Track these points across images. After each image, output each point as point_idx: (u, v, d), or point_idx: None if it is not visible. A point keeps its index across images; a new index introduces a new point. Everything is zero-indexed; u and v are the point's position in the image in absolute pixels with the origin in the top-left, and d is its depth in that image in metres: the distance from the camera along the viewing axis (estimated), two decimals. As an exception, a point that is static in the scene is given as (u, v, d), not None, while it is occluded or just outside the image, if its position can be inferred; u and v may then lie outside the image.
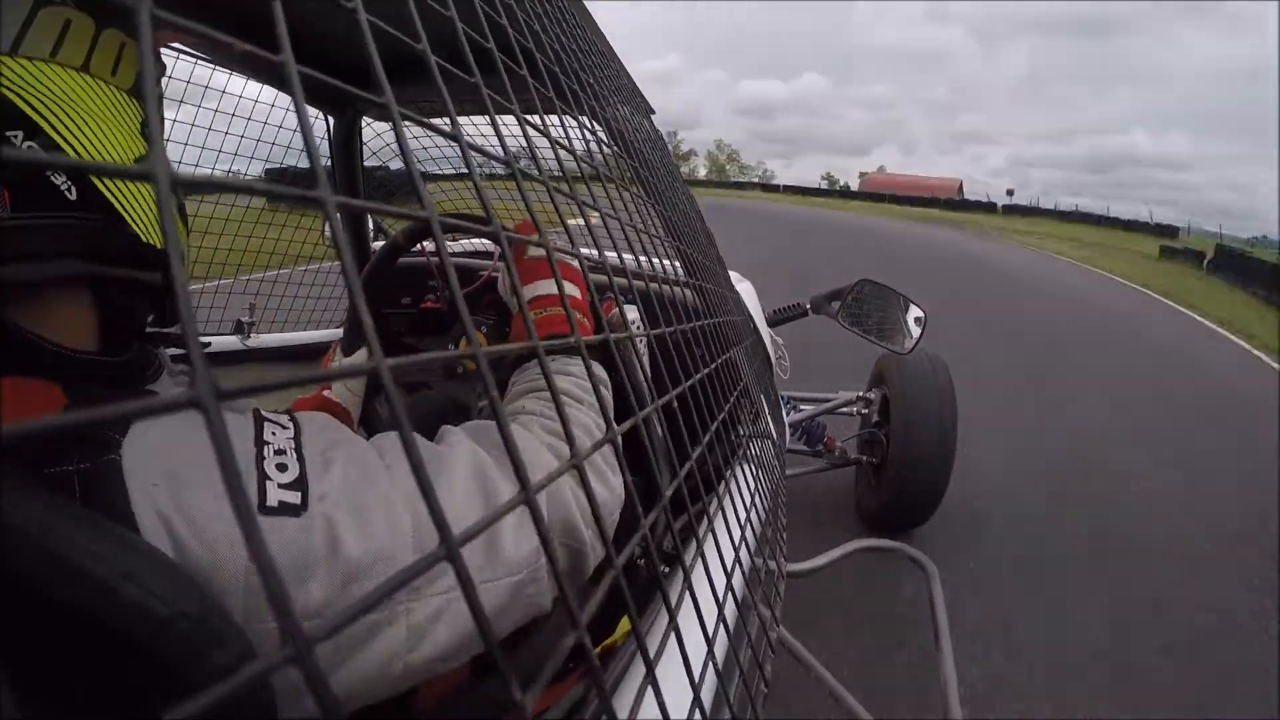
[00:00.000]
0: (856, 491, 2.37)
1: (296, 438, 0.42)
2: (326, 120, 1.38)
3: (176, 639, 0.33)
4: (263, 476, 0.38)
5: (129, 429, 0.38)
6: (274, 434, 0.41)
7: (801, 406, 2.30)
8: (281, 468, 0.39)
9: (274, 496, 0.38)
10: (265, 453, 0.40)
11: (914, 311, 1.90)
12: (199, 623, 0.34)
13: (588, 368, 0.22)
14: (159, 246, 0.44)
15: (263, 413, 0.43)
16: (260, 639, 0.36)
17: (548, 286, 0.73)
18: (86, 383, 0.42)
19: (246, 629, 0.35)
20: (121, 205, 0.42)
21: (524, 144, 0.28)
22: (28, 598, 0.32)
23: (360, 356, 0.97)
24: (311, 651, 0.09)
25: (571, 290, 0.75)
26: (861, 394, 2.32)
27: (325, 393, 0.91)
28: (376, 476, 0.42)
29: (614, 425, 0.21)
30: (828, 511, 2.42)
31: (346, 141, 1.42)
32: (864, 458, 2.23)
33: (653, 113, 1.20)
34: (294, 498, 0.38)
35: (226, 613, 0.35)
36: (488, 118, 0.28)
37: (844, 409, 2.35)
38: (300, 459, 0.40)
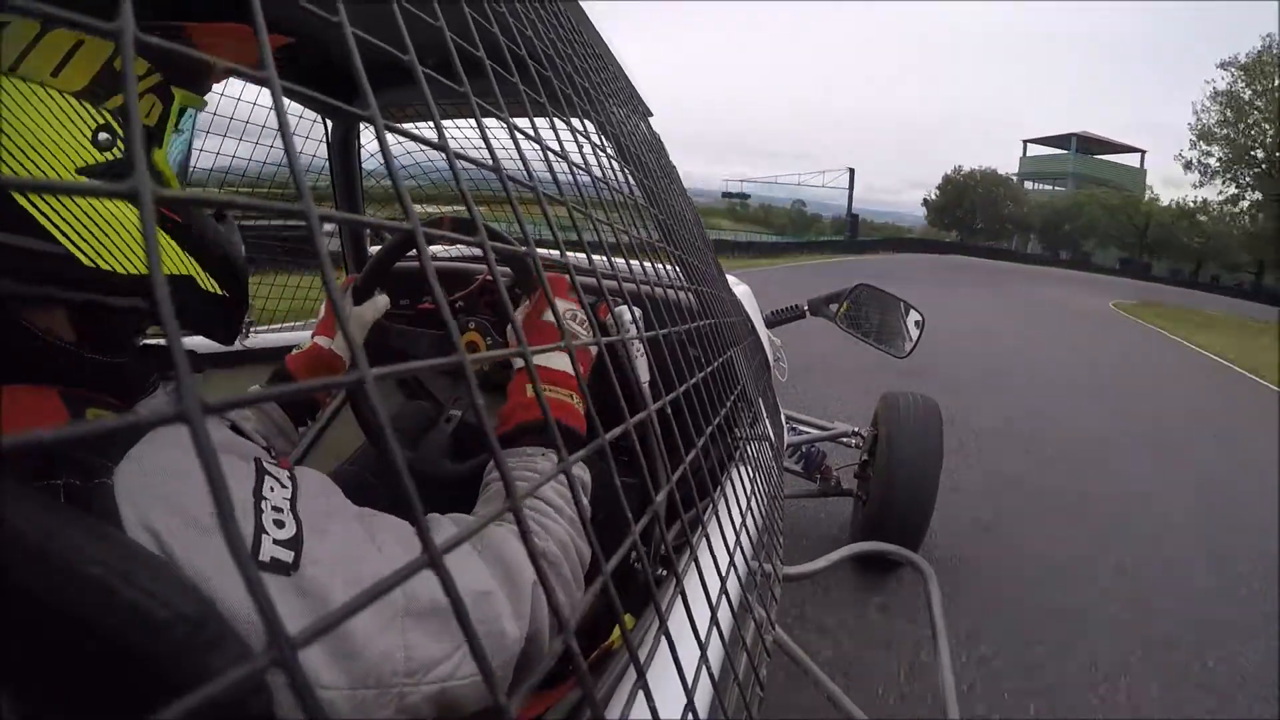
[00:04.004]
0: (853, 519, 2.37)
1: (293, 498, 0.41)
2: (325, 123, 1.39)
3: (174, 643, 0.33)
4: (259, 528, 0.38)
5: (125, 455, 0.37)
6: (272, 490, 0.41)
7: (799, 429, 2.30)
8: (279, 524, 0.39)
9: (268, 551, 0.37)
10: (263, 506, 0.39)
11: (913, 315, 1.90)
12: (197, 626, 0.34)
13: (570, 481, 0.21)
14: (121, 271, 0.41)
15: (265, 464, 0.43)
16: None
17: (557, 360, 0.68)
18: (84, 387, 0.42)
19: None
20: (54, 225, 0.38)
21: (517, 150, 0.29)
22: (22, 602, 0.32)
23: (379, 301, 0.94)
24: (296, 654, 0.09)
25: (568, 365, 0.68)
26: (857, 429, 2.31)
27: (318, 339, 0.88)
28: (367, 553, 0.42)
29: (591, 538, 0.21)
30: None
31: (344, 145, 1.43)
32: (854, 490, 2.22)
33: (650, 115, 1.20)
34: (287, 556, 0.38)
35: (224, 617, 0.35)
36: (495, 120, 0.28)
37: (843, 439, 2.35)
38: (297, 520, 0.40)
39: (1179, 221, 44.75)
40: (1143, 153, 58.10)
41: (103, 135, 0.41)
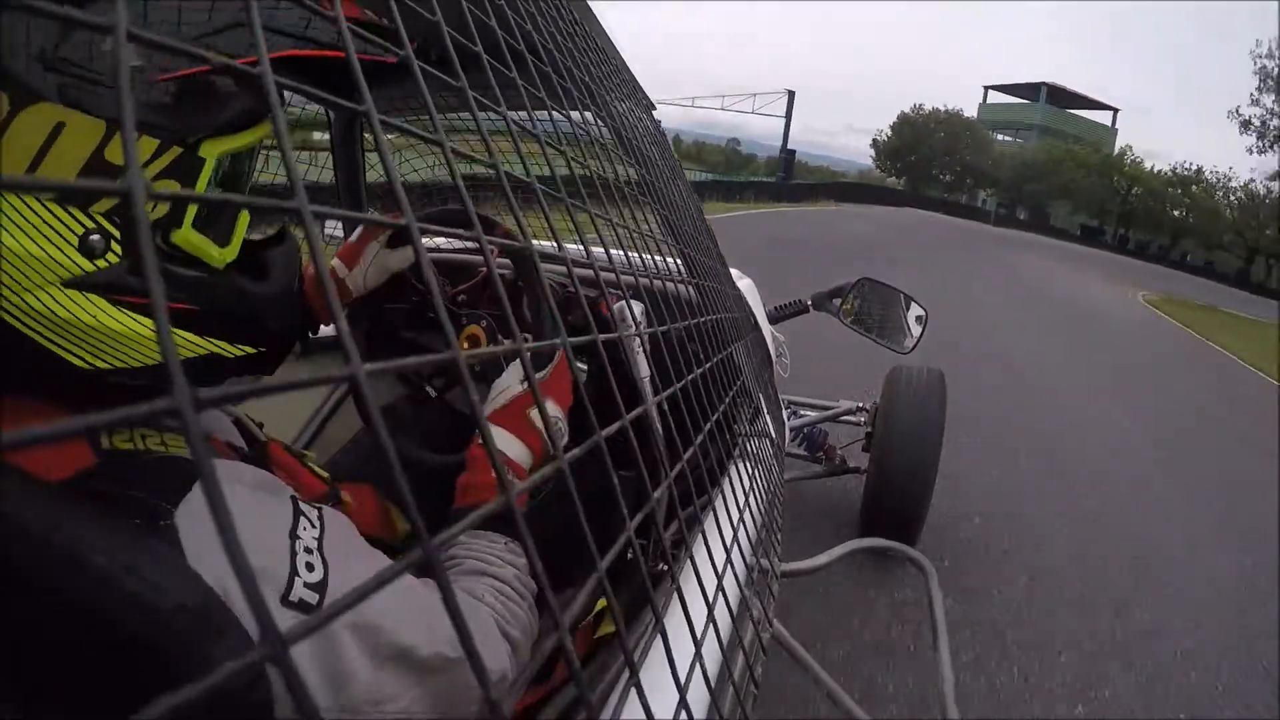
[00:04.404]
0: (864, 496, 2.37)
1: (320, 539, 0.44)
2: (328, 115, 1.38)
3: (177, 633, 0.34)
4: (293, 571, 0.41)
5: (183, 497, 0.39)
6: (304, 530, 0.43)
7: (803, 412, 2.30)
8: (309, 567, 0.42)
9: (297, 593, 0.40)
10: (297, 548, 0.42)
11: (915, 310, 1.90)
12: (200, 615, 0.34)
13: (527, 552, 0.21)
14: (122, 366, 0.40)
15: (299, 504, 0.45)
16: None
17: (512, 447, 0.67)
18: (97, 400, 0.43)
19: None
20: (46, 339, 0.37)
21: (515, 148, 0.29)
22: (28, 591, 0.32)
23: (409, 252, 0.91)
24: (288, 650, 0.09)
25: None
26: (861, 404, 2.31)
27: (336, 262, 0.87)
28: (382, 599, 0.44)
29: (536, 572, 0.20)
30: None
31: (347, 137, 1.42)
32: (859, 467, 2.22)
33: (653, 108, 1.20)
34: (312, 598, 0.41)
35: (227, 607, 0.36)
36: (506, 111, 0.28)
37: (846, 418, 2.35)
38: (324, 562, 0.43)
39: (1172, 189, 39.47)
40: (1115, 111, 51.20)
41: (94, 238, 0.37)
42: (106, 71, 0.35)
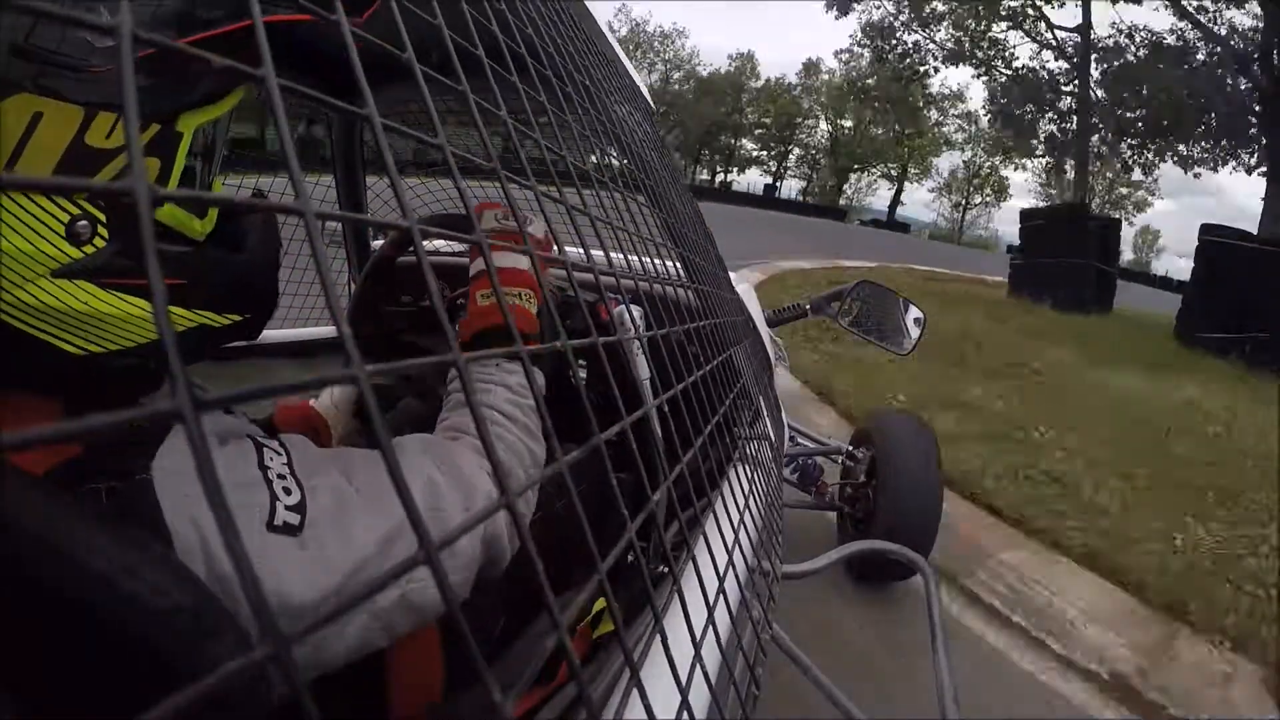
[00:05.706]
0: (839, 539, 2.33)
1: (290, 464, 0.45)
2: (327, 118, 1.39)
3: (174, 632, 0.34)
4: (274, 497, 0.41)
5: (156, 451, 0.39)
6: (272, 459, 0.44)
7: (796, 439, 2.29)
8: (286, 490, 0.42)
9: (281, 517, 0.41)
10: (270, 476, 0.42)
11: (913, 313, 1.90)
12: (196, 615, 0.35)
13: (528, 374, 0.22)
14: (114, 348, 0.40)
15: (258, 439, 0.46)
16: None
17: (511, 259, 0.69)
18: (87, 389, 0.43)
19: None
20: (36, 329, 0.37)
21: (517, 151, 0.29)
22: (29, 594, 0.32)
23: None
24: (289, 650, 0.09)
25: (520, 263, 0.70)
26: (849, 449, 2.28)
27: (311, 401, 0.91)
28: (348, 498, 0.46)
29: (558, 449, 0.21)
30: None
31: (347, 139, 1.43)
32: (846, 508, 2.20)
33: (653, 113, 1.20)
34: (295, 519, 0.41)
35: (222, 606, 0.36)
36: (505, 115, 0.28)
37: (833, 456, 2.32)
38: (299, 485, 0.43)
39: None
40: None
41: (81, 224, 0.36)
42: (81, 56, 0.34)
